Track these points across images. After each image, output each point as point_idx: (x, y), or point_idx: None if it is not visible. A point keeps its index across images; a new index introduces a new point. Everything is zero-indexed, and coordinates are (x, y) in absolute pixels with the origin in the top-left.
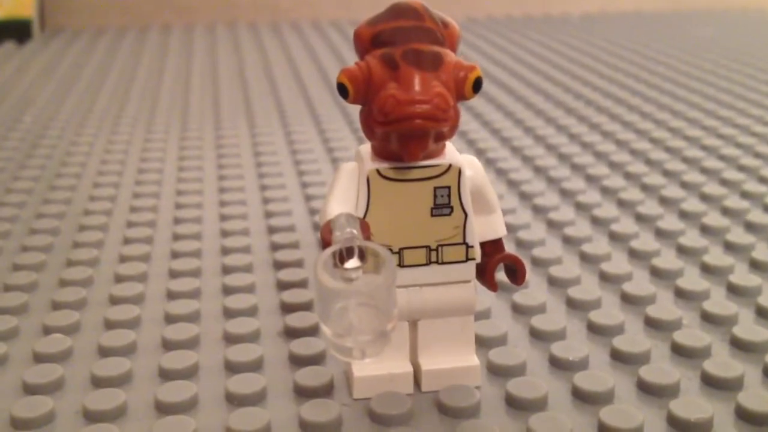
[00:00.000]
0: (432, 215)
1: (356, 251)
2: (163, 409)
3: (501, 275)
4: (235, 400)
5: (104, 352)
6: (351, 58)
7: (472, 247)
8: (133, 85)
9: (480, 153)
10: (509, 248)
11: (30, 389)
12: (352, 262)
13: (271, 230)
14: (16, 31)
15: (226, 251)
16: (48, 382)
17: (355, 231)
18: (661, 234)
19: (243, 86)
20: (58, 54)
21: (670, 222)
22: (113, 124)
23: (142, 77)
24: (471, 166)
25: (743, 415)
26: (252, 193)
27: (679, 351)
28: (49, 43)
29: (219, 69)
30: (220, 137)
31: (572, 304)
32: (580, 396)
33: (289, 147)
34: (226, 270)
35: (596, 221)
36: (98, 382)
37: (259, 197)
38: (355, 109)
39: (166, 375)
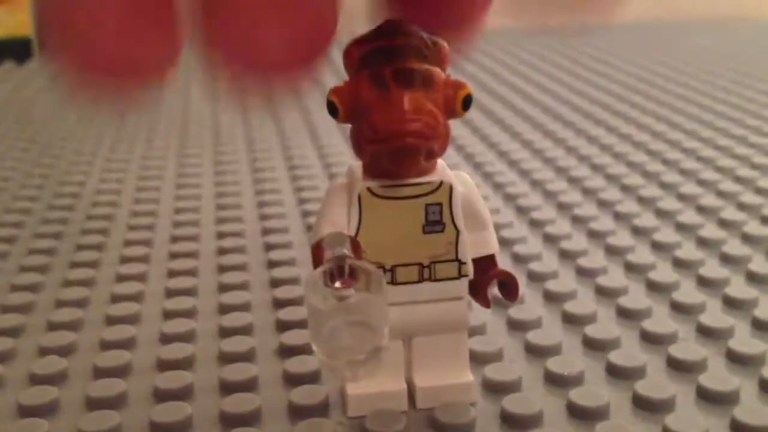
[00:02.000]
0: (424, 232)
1: (347, 270)
2: (158, 430)
3: (495, 291)
4: (229, 421)
5: (99, 372)
6: None
7: (465, 263)
8: None
9: (477, 167)
10: (505, 262)
11: (25, 411)
12: (343, 282)
13: (268, 247)
14: (16, 50)
15: (222, 269)
16: (43, 404)
17: (345, 250)
18: (657, 247)
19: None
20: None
21: (666, 234)
22: (113, 142)
23: None
24: (463, 183)
25: (739, 429)
26: (249, 211)
27: (674, 365)
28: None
29: None
30: (219, 153)
31: (568, 319)
32: (575, 412)
33: (287, 162)
34: (223, 288)
35: (592, 234)
36: (93, 404)
37: (257, 214)
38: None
39: (160, 396)
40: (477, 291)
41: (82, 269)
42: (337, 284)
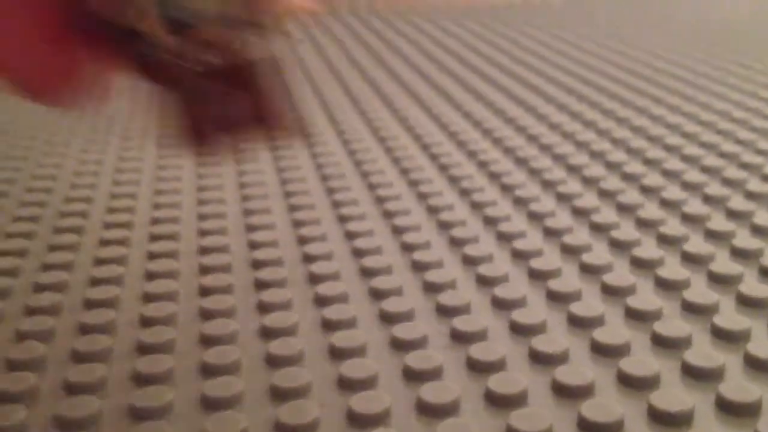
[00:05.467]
0: None
1: None
2: (138, 415)
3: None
4: (211, 405)
5: (78, 357)
6: (325, 39)
7: None
8: None
9: (463, 144)
10: (490, 240)
11: (3, 398)
12: None
13: (249, 228)
14: None
15: (204, 251)
16: (21, 390)
17: None
18: (641, 223)
19: None
20: None
21: (650, 211)
22: (90, 126)
23: None
24: None
25: (724, 405)
26: (230, 192)
27: (659, 342)
28: None
29: None
30: None
31: (553, 297)
32: (560, 390)
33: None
34: (204, 270)
35: (577, 212)
36: (72, 389)
37: (238, 196)
38: (333, 97)
39: (140, 380)
40: None
41: (60, 253)
42: None
